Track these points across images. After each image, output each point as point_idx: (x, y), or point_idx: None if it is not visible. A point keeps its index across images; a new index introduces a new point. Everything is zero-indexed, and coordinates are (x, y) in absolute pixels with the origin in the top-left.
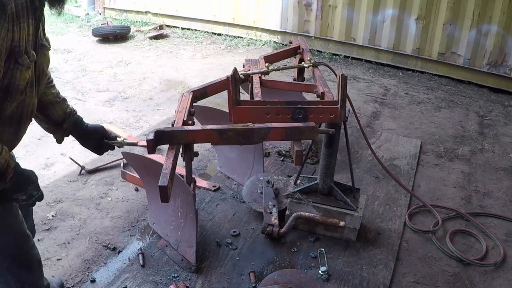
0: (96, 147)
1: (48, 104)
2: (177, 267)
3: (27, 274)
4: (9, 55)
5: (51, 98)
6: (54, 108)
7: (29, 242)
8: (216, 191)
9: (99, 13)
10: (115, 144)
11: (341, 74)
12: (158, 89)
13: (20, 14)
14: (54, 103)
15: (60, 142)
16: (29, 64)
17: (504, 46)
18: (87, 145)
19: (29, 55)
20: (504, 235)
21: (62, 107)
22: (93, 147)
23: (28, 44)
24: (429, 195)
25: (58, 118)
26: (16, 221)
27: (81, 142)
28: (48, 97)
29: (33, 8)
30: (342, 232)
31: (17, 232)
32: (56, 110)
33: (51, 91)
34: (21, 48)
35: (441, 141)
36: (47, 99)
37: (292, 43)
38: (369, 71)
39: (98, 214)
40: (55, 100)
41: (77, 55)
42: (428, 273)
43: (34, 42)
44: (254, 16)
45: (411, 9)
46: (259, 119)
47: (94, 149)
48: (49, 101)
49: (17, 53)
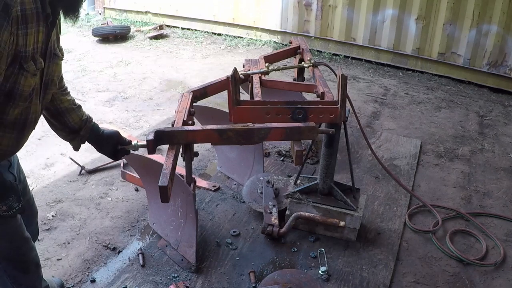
0: (112, 153)
1: (64, 111)
2: (177, 267)
3: (23, 276)
4: (14, 60)
5: (67, 105)
6: (70, 115)
7: (26, 245)
8: (216, 191)
9: (99, 13)
10: (130, 148)
11: (341, 74)
12: (158, 89)
13: (29, 18)
14: (70, 110)
15: (77, 150)
16: (35, 71)
17: (504, 46)
18: (103, 151)
19: (36, 62)
20: (504, 235)
21: (78, 114)
22: (109, 153)
23: (36, 50)
24: (429, 195)
25: (75, 125)
26: (14, 224)
27: (97, 149)
28: (64, 104)
29: (45, 15)
30: (342, 232)
31: (14, 235)
32: (72, 117)
33: (66, 98)
34: (28, 53)
35: (441, 141)
36: (63, 106)
37: (292, 43)
38: (369, 71)
39: (98, 214)
40: (70, 107)
41: (77, 55)
42: (428, 273)
43: (44, 49)
44: (254, 16)
45: (411, 9)
46: (259, 119)
47: (110, 155)
48: (65, 108)
49: (23, 58)
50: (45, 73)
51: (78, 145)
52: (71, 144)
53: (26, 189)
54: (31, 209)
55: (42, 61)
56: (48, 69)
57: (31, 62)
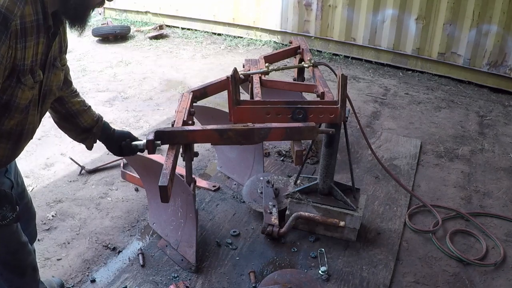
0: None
1: (77, 113)
2: (177, 267)
3: (20, 279)
4: (11, 73)
5: (78, 108)
6: (83, 116)
7: (23, 249)
8: (216, 191)
9: (99, 13)
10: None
11: (341, 74)
12: (158, 89)
13: (28, 31)
14: (82, 112)
15: (91, 149)
16: (33, 84)
17: (504, 46)
18: (112, 150)
19: (35, 75)
20: (504, 235)
21: (89, 114)
22: (117, 151)
23: (35, 63)
24: (429, 195)
25: (87, 126)
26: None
27: (108, 147)
28: (76, 107)
29: (47, 26)
30: (342, 232)
31: (10, 240)
32: (84, 118)
33: (77, 100)
34: (26, 67)
35: (441, 141)
36: (74, 108)
37: (292, 43)
38: (369, 71)
39: (98, 214)
40: (82, 108)
41: (77, 55)
42: (428, 273)
43: (44, 60)
44: (254, 16)
45: (411, 9)
46: (259, 119)
47: (118, 153)
48: (77, 110)
49: (21, 72)
50: (44, 83)
51: (91, 144)
52: (84, 144)
53: (24, 192)
54: (29, 212)
55: (41, 73)
56: (47, 79)
57: (29, 75)
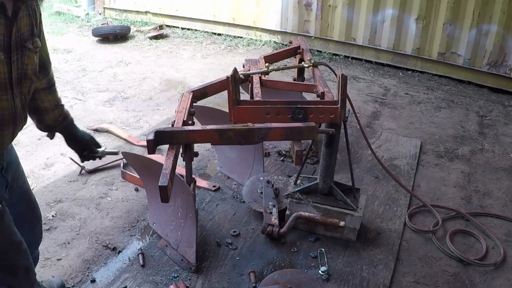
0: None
1: (44, 111)
2: (177, 267)
3: (12, 279)
4: None
5: (47, 106)
6: (48, 115)
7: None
8: (216, 191)
9: (99, 13)
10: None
11: (341, 74)
12: (158, 89)
13: None
14: (49, 111)
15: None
16: None
17: (504, 46)
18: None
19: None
20: (504, 235)
21: (55, 115)
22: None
23: None
24: (429, 195)
25: (50, 124)
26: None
27: (68, 143)
28: (44, 104)
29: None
30: (342, 232)
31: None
32: (49, 117)
33: (48, 98)
34: None
35: (441, 141)
36: (43, 105)
37: (292, 43)
38: (369, 71)
39: (98, 214)
40: (50, 108)
41: (77, 55)
42: (428, 273)
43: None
44: (254, 16)
45: (411, 9)
46: (259, 119)
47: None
48: (45, 108)
49: None
50: (16, 67)
51: (52, 136)
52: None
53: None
54: (33, 213)
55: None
56: (17, 62)
57: None
